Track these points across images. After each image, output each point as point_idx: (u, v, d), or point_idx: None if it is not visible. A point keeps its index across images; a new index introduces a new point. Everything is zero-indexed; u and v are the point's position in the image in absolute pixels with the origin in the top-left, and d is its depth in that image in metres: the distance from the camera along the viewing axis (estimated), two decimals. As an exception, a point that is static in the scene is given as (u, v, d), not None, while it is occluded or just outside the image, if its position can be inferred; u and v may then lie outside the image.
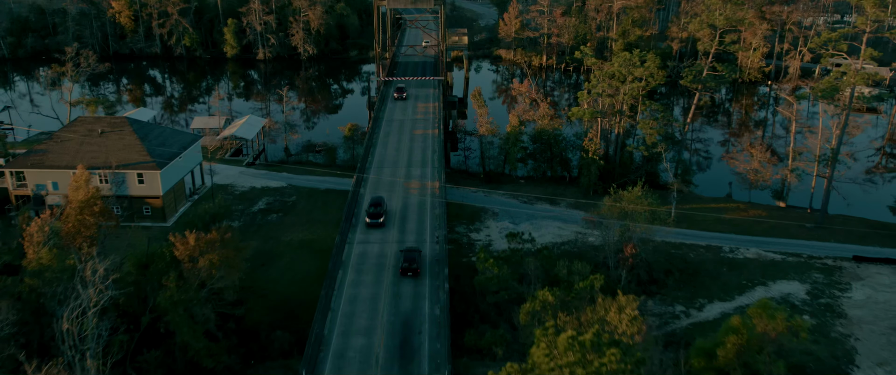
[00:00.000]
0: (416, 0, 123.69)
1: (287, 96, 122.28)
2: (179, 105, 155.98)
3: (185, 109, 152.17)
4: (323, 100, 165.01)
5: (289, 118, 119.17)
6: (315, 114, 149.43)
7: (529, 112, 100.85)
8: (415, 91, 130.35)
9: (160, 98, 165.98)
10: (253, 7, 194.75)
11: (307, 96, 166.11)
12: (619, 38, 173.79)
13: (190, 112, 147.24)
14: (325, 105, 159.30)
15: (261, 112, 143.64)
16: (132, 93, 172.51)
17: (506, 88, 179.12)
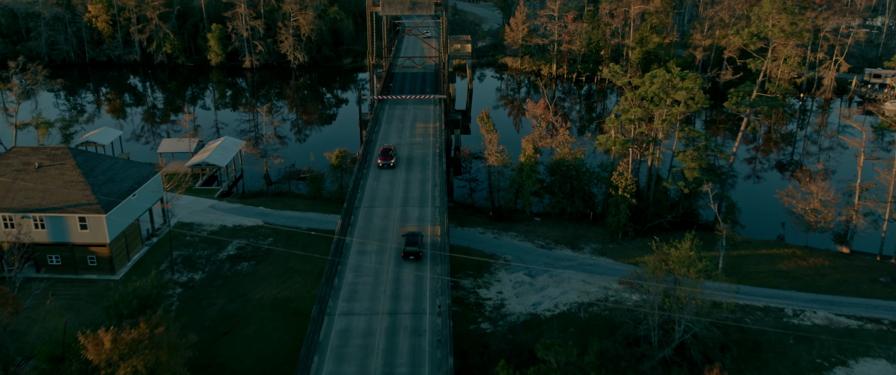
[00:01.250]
0: (414, 5, 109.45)
1: (269, 115, 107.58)
2: (155, 119, 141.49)
3: (167, 120, 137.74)
4: (314, 111, 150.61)
5: (270, 140, 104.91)
6: (306, 126, 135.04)
7: (546, 138, 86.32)
8: (413, 109, 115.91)
9: (140, 108, 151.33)
10: (239, 11, 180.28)
11: (298, 106, 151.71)
12: (637, 46, 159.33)
13: (172, 124, 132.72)
14: (318, 116, 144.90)
15: (247, 124, 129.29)
16: (111, 102, 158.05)
17: (512, 99, 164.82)
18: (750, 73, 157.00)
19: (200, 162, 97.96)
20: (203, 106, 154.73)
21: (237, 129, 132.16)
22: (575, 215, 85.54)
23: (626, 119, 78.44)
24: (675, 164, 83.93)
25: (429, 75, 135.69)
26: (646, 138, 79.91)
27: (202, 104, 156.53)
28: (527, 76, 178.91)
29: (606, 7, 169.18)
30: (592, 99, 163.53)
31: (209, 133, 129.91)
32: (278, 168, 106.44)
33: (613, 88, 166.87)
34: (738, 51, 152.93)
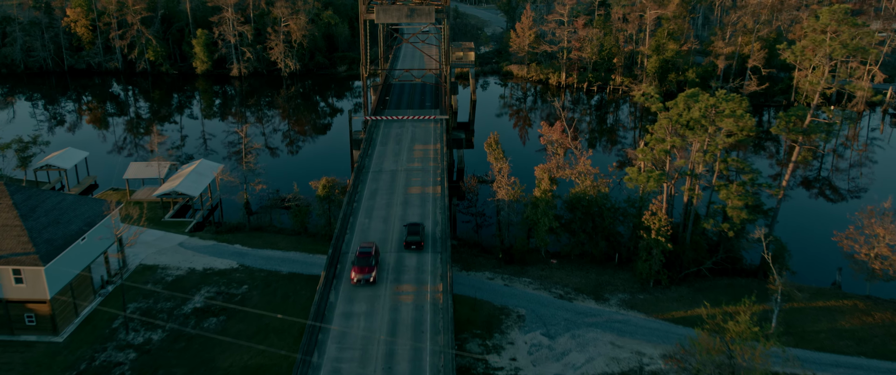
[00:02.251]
0: (413, 13, 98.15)
1: (248, 138, 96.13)
2: (133, 135, 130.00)
3: (145, 135, 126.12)
4: (306, 122, 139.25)
5: (252, 163, 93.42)
6: (295, 141, 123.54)
7: (564, 168, 74.85)
8: (411, 127, 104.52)
9: (119, 121, 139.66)
10: (226, 16, 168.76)
11: (288, 118, 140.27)
12: (653, 54, 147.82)
13: (140, 147, 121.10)
14: (310, 128, 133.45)
15: (234, 137, 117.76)
16: (91, 112, 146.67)
17: (518, 109, 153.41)
18: (775, 83, 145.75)
19: (169, 191, 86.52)
20: (188, 117, 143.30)
21: (223, 142, 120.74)
22: (598, 257, 74.01)
23: (661, 150, 66.92)
24: (715, 199, 72.49)
25: (429, 87, 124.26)
26: (683, 172, 68.42)
27: (186, 115, 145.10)
28: (533, 85, 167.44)
29: (619, 11, 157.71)
30: (604, 109, 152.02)
31: (191, 148, 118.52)
32: (260, 195, 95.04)
33: (626, 98, 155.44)
34: (763, 60, 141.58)
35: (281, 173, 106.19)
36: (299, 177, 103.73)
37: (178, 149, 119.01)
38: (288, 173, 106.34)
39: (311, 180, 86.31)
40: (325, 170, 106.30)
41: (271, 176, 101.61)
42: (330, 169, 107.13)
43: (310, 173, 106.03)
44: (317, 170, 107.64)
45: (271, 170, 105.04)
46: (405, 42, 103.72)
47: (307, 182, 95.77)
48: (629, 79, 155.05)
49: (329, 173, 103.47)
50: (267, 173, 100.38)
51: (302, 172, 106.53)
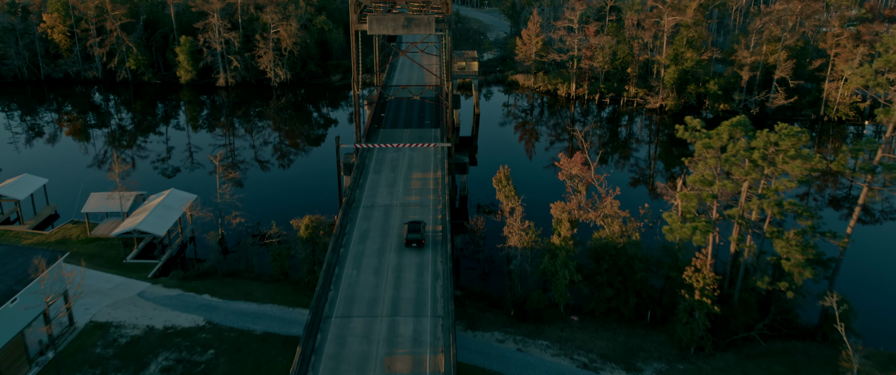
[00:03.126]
0: (411, 22, 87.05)
1: (221, 164, 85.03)
2: (103, 154, 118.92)
3: (125, 147, 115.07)
4: (297, 135, 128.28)
5: (228, 192, 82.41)
6: (287, 154, 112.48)
7: (587, 209, 63.77)
8: (409, 151, 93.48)
9: (96, 135, 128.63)
10: (211, 22, 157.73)
11: (277, 132, 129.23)
12: (671, 64, 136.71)
13: (115, 167, 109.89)
14: (299, 144, 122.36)
15: (216, 152, 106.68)
16: (64, 127, 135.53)
17: (524, 122, 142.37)
18: (804, 95, 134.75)
19: (131, 230, 75.44)
20: (166, 133, 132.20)
21: (200, 164, 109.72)
22: (627, 315, 62.89)
23: (709, 195, 55.73)
24: (766, 246, 61.39)
25: (428, 105, 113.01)
26: (730, 217, 57.27)
27: (165, 130, 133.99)
28: (541, 96, 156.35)
29: (632, 17, 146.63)
30: (617, 123, 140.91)
31: (165, 170, 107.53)
32: (238, 230, 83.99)
33: (641, 110, 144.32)
34: (791, 71, 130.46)
35: (264, 199, 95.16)
36: (285, 204, 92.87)
37: (154, 167, 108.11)
38: (272, 199, 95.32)
39: (296, 212, 75.25)
40: (313, 197, 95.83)
41: (253, 203, 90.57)
42: (319, 194, 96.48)
43: (297, 198, 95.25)
44: (305, 195, 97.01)
45: (253, 196, 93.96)
46: (402, 54, 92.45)
47: (293, 208, 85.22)
48: (644, 90, 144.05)
49: (318, 201, 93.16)
50: (248, 201, 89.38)
51: (288, 198, 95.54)
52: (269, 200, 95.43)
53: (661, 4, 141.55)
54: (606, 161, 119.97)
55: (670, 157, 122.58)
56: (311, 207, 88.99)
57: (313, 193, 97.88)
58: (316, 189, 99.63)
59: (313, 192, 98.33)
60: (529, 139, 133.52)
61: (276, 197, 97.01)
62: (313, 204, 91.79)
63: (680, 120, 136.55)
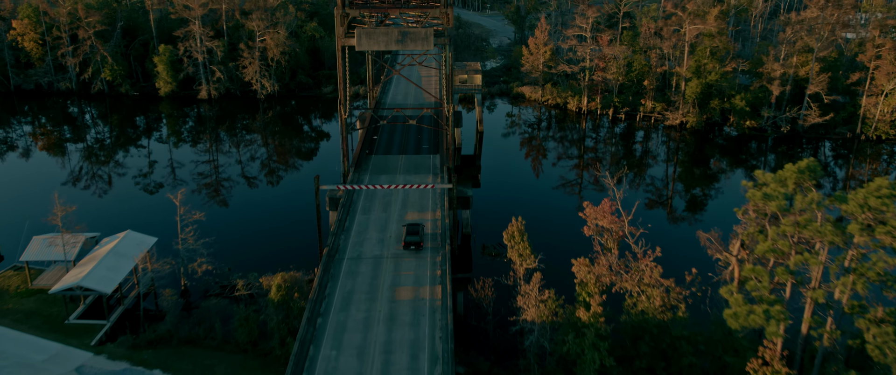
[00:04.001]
0: (406, 37, 75.23)
1: (187, 206, 73.07)
2: (61, 177, 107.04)
3: (92, 174, 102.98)
4: (282, 155, 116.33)
5: (190, 239, 70.63)
6: (271, 175, 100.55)
7: (620, 273, 51.87)
8: (401, 194, 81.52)
9: (61, 155, 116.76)
10: (192, 30, 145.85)
11: (259, 151, 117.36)
12: (693, 77, 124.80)
13: (56, 210, 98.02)
14: (284, 165, 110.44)
15: (193, 175, 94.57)
16: (38, 142, 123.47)
17: (531, 137, 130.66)
18: (838, 110, 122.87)
19: (72, 286, 63.54)
20: (138, 153, 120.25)
21: (172, 186, 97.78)
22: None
23: (784, 271, 43.76)
24: (845, 322, 49.40)
25: (426, 131, 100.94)
26: (805, 294, 45.29)
27: (137, 150, 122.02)
28: (549, 109, 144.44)
29: (650, 25, 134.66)
30: (632, 139, 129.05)
31: (126, 202, 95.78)
32: (204, 279, 72.18)
33: (659, 127, 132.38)
34: (826, 85, 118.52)
35: (238, 239, 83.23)
36: (262, 244, 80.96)
37: (116, 199, 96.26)
38: (248, 239, 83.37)
39: (272, 259, 63.70)
40: (296, 234, 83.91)
41: (224, 244, 78.61)
42: (303, 231, 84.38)
43: (277, 236, 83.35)
44: (286, 232, 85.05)
45: (225, 236, 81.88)
46: (396, 73, 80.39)
47: (270, 251, 73.76)
48: (662, 104, 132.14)
49: (299, 242, 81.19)
50: (219, 242, 77.39)
51: (267, 236, 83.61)
52: (244, 240, 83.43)
53: (681, 11, 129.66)
54: (621, 180, 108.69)
55: (691, 178, 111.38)
56: (290, 253, 77.47)
57: (296, 229, 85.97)
58: (299, 223, 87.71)
59: (296, 228, 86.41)
60: (537, 155, 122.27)
61: (253, 235, 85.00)
62: (294, 247, 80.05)
63: (703, 137, 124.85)
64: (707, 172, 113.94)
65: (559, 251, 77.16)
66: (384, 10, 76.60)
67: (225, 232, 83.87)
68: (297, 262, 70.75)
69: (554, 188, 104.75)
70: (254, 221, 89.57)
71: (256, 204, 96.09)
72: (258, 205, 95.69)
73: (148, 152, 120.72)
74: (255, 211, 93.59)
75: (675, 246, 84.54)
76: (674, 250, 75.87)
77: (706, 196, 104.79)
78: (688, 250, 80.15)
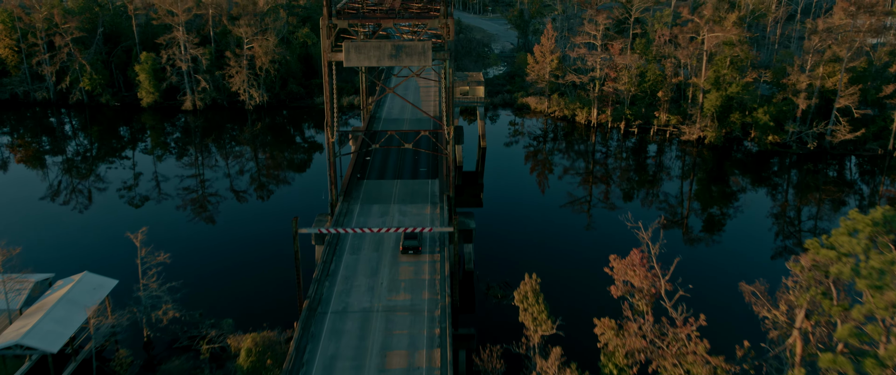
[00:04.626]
0: (400, 51, 66.46)
1: (149, 235, 64.12)
2: (26, 204, 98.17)
3: (50, 209, 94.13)
4: (268, 174, 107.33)
5: (152, 282, 61.87)
6: (252, 200, 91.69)
7: (657, 345, 42.96)
8: (398, 216, 72.61)
9: (31, 176, 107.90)
10: (176, 37, 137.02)
11: (247, 167, 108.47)
12: (712, 89, 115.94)
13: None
14: (272, 181, 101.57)
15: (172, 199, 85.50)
16: (21, 152, 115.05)
17: (535, 151, 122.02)
18: (867, 125, 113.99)
19: (10, 344, 54.64)
20: (109, 172, 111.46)
21: (139, 217, 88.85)
22: None
23: (873, 363, 34.82)
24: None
25: (425, 145, 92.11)
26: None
27: (110, 168, 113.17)
28: (555, 121, 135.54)
29: (664, 32, 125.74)
30: (643, 154, 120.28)
31: (98, 228, 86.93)
32: (170, 328, 63.31)
33: (674, 141, 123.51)
34: (856, 98, 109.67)
35: (214, 273, 74.36)
36: (241, 282, 72.00)
37: (78, 232, 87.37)
38: (224, 274, 74.45)
39: (250, 303, 54.69)
40: (278, 269, 74.82)
41: (196, 286, 69.75)
42: (286, 267, 75.32)
43: (258, 273, 74.32)
44: (267, 265, 76.04)
45: (198, 276, 73.05)
46: (390, 91, 71.26)
47: (251, 289, 65.01)
48: (677, 117, 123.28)
49: (282, 279, 71.98)
50: (190, 284, 68.60)
51: (247, 273, 74.64)
52: (220, 276, 74.45)
53: (698, 18, 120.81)
54: (631, 197, 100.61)
55: (708, 197, 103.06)
56: (271, 291, 68.66)
57: (279, 263, 76.97)
58: (283, 257, 78.78)
59: (279, 261, 77.41)
60: (543, 172, 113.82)
61: (230, 270, 75.98)
62: (276, 284, 71.16)
63: (723, 154, 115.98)
64: (725, 190, 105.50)
65: (576, 294, 68.64)
66: (376, 20, 67.77)
67: (199, 267, 74.99)
68: (278, 304, 62.05)
69: (562, 206, 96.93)
70: (232, 253, 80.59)
71: (236, 232, 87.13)
72: (238, 233, 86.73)
73: (122, 171, 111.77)
74: (234, 239, 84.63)
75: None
76: (696, 280, 67.07)
77: (725, 216, 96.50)
78: (709, 282, 71.52)
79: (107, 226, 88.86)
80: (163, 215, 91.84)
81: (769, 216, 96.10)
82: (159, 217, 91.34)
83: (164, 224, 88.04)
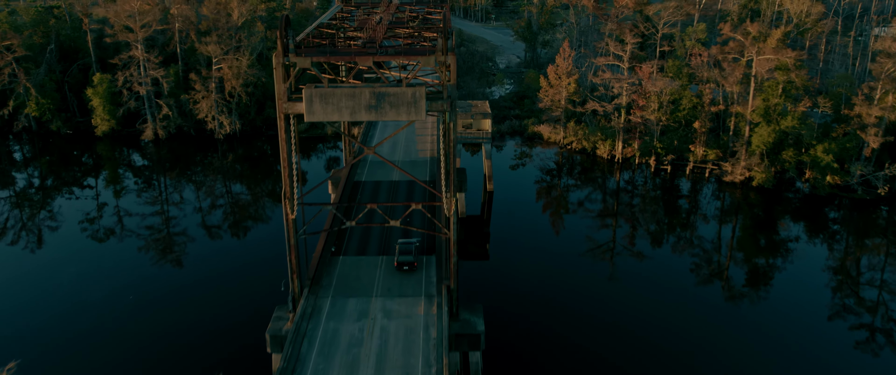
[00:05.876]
0: (383, 101, 48.11)
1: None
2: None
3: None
4: (235, 221, 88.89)
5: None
6: (205, 269, 73.28)
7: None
8: (379, 326, 54.02)
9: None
10: (134, 55, 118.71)
11: (211, 211, 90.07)
12: (762, 122, 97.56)
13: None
14: (238, 233, 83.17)
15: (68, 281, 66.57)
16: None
17: (548, 187, 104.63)
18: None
19: None
20: (36, 220, 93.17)
21: (60, 279, 70.55)
22: None
23: None
24: None
25: (418, 211, 73.29)
26: None
27: (49, 215, 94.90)
28: (572, 154, 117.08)
29: (700, 52, 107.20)
30: (676, 195, 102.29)
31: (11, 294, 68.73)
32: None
33: (712, 179, 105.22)
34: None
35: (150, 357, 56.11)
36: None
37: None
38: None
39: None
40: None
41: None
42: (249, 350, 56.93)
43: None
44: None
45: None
46: (370, 152, 52.29)
47: None
48: (715, 151, 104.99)
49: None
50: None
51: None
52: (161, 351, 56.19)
53: (742, 36, 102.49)
54: (661, 242, 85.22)
55: (754, 246, 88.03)
56: None
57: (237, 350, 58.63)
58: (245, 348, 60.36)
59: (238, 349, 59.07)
60: (557, 209, 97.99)
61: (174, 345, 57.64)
62: None
63: (772, 196, 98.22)
64: (774, 238, 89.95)
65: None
66: (350, 57, 49.50)
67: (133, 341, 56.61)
68: None
69: (581, 255, 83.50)
70: (187, 317, 62.13)
71: (186, 311, 68.58)
72: (190, 312, 68.20)
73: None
74: (182, 325, 66.11)
75: (741, 337, 59.50)
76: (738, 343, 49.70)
77: (773, 268, 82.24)
78: (754, 345, 54.46)
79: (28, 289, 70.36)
80: (95, 284, 73.40)
81: (826, 270, 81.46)
82: (89, 288, 72.98)
83: (93, 299, 69.64)
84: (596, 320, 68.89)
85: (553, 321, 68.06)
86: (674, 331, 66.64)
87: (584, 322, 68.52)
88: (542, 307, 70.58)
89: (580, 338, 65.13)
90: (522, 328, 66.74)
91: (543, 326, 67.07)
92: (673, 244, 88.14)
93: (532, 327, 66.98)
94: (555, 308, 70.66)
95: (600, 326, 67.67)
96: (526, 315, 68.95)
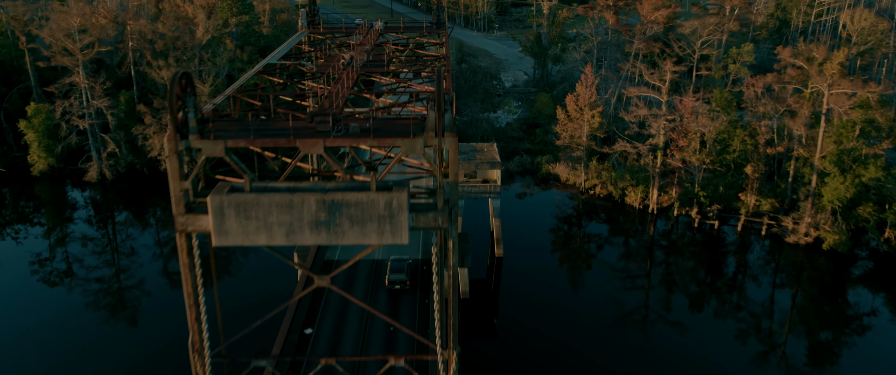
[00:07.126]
0: (339, 213, 30.00)
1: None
2: None
3: None
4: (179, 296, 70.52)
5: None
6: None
7: None
8: None
9: None
10: (76, 82, 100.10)
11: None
12: (835, 171, 78.81)
13: None
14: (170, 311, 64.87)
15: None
16: None
17: (566, 237, 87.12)
18: None
19: None
20: None
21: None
22: None
23: None
24: None
25: (407, 298, 54.58)
26: None
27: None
28: (594, 199, 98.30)
29: (756, 82, 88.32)
30: (720, 252, 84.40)
31: None
32: None
33: (768, 236, 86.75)
34: None
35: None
36: None
37: None
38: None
39: None
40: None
41: None
42: None
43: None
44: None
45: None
46: (324, 284, 33.71)
47: None
48: (771, 200, 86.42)
49: None
50: None
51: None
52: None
53: (807, 63, 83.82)
54: (701, 307, 70.23)
55: (819, 317, 73.36)
56: None
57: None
58: None
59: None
60: (577, 264, 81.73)
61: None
62: None
63: (845, 260, 79.98)
64: (844, 309, 75.70)
65: None
66: (286, 143, 31.09)
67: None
68: None
69: (606, 325, 70.16)
70: None
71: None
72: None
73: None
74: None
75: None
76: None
77: (842, 344, 68.83)
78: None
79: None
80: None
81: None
82: None
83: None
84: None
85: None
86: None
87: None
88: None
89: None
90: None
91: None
92: (717, 311, 73.13)
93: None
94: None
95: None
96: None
